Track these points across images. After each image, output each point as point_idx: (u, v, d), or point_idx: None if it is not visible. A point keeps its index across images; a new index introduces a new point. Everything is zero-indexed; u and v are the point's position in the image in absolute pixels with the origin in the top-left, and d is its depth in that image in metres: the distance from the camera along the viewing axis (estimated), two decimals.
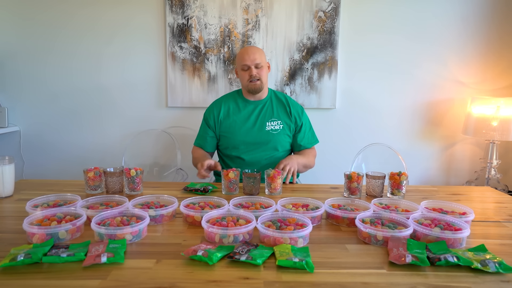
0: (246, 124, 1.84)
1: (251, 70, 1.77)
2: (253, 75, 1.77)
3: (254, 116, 1.85)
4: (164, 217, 1.14)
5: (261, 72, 1.79)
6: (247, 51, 1.80)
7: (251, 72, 1.77)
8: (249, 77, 1.79)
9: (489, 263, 0.85)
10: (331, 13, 2.45)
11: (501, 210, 1.32)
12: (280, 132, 1.84)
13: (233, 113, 1.86)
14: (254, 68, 1.77)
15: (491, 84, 2.57)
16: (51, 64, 2.53)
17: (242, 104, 1.88)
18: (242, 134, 1.83)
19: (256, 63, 1.77)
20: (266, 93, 1.89)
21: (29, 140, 2.62)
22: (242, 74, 1.82)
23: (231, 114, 1.86)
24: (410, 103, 2.59)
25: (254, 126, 1.84)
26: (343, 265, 0.88)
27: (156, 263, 0.87)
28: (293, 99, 1.97)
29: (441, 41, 2.51)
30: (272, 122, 1.84)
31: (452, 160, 2.66)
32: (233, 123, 1.84)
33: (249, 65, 1.77)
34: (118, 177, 1.44)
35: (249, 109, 1.86)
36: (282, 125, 1.85)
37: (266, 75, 1.83)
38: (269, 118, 1.84)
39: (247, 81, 1.80)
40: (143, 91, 2.57)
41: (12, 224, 1.12)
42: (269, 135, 1.83)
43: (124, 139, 2.57)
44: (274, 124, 1.84)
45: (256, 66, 1.78)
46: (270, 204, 1.22)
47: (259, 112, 1.86)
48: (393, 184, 1.43)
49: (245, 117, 1.85)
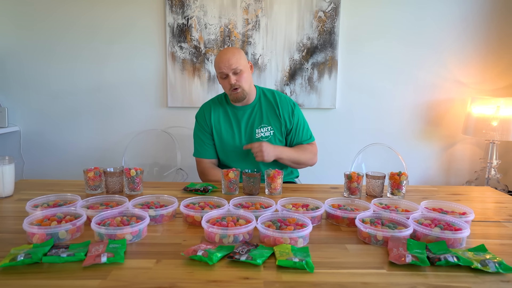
0: (235, 132, 1.76)
1: (229, 79, 1.63)
2: (232, 84, 1.63)
3: (244, 123, 1.75)
4: (164, 217, 1.14)
5: (240, 79, 1.64)
6: (222, 57, 1.64)
7: (230, 80, 1.63)
8: (229, 86, 1.65)
9: (489, 263, 0.85)
10: (331, 13, 2.45)
11: (501, 210, 1.32)
12: (271, 139, 1.75)
13: (223, 120, 1.77)
14: (232, 75, 1.62)
15: (491, 84, 2.57)
16: (52, 64, 2.53)
17: (230, 111, 1.77)
18: (231, 143, 1.76)
19: (233, 69, 1.62)
20: (253, 97, 1.77)
21: (29, 140, 2.62)
22: (222, 83, 1.69)
23: (221, 122, 1.77)
24: (410, 103, 2.59)
25: (244, 135, 1.76)
26: (343, 265, 0.88)
27: (156, 263, 0.87)
28: (284, 95, 1.84)
29: (441, 41, 2.51)
30: (262, 128, 1.74)
31: (452, 160, 2.67)
32: (224, 131, 1.76)
33: (226, 72, 1.63)
34: (118, 177, 1.44)
35: (237, 116, 1.76)
36: (272, 130, 1.75)
37: (248, 79, 1.68)
38: (258, 125, 1.74)
39: (229, 90, 1.67)
40: (144, 91, 2.57)
41: (12, 224, 1.12)
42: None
43: (124, 139, 2.57)
44: (264, 131, 1.74)
45: (234, 72, 1.63)
46: (270, 204, 1.22)
47: (248, 119, 1.76)
48: (393, 184, 1.42)
49: (233, 125, 1.76)
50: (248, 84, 1.69)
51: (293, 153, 1.72)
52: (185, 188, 1.50)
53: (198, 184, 1.55)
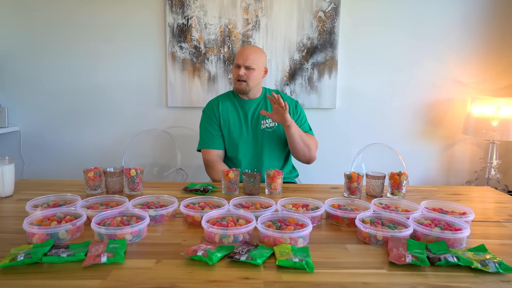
0: (241, 123, 1.84)
1: (240, 70, 1.75)
2: (240, 75, 1.74)
3: (250, 115, 1.84)
4: (164, 217, 1.14)
5: (249, 74, 1.75)
6: (245, 50, 1.77)
7: (239, 71, 1.74)
8: (237, 75, 1.76)
9: (489, 263, 0.85)
10: (331, 13, 2.45)
11: (501, 210, 1.32)
12: (275, 129, 1.82)
13: (230, 112, 1.85)
14: (243, 68, 1.74)
15: (491, 84, 2.57)
16: (52, 64, 2.53)
17: (237, 103, 1.86)
18: (238, 134, 1.82)
19: (247, 65, 1.73)
20: (259, 93, 1.87)
21: (29, 140, 2.62)
22: (233, 71, 1.80)
23: (229, 113, 1.85)
24: (410, 103, 2.59)
25: (249, 125, 1.83)
26: (343, 265, 0.88)
27: (156, 263, 0.87)
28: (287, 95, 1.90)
29: (441, 42, 2.51)
30: (267, 119, 1.82)
31: (452, 160, 2.66)
32: (231, 121, 1.83)
33: (240, 64, 1.74)
34: (118, 177, 1.44)
35: (245, 108, 1.85)
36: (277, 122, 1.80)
37: (256, 79, 1.78)
38: (264, 117, 1.82)
39: (235, 79, 1.78)
40: (143, 91, 2.57)
41: (12, 224, 1.12)
42: (264, 133, 1.82)
43: (124, 139, 2.57)
44: (269, 122, 1.82)
45: (246, 67, 1.74)
46: (270, 204, 1.22)
47: (254, 111, 1.84)
48: (393, 184, 1.42)
49: (240, 116, 1.84)
50: (254, 83, 1.78)
51: (301, 131, 1.74)
52: (185, 188, 1.50)
53: (198, 184, 1.55)
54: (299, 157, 1.79)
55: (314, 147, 1.79)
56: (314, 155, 1.80)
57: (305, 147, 1.74)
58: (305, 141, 1.73)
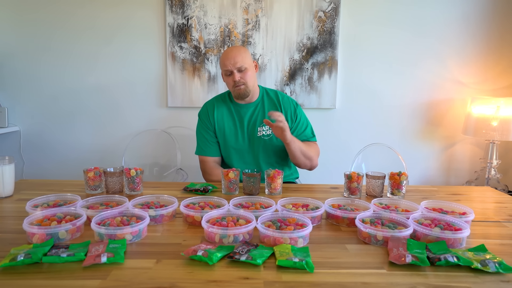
0: (237, 130, 1.77)
1: (234, 75, 1.66)
2: (236, 81, 1.66)
3: (246, 121, 1.77)
4: (164, 217, 1.14)
5: (245, 76, 1.66)
6: (227, 55, 1.66)
7: (234, 77, 1.65)
8: (233, 82, 1.67)
9: (489, 263, 0.85)
10: (331, 13, 2.45)
11: (501, 210, 1.32)
12: (272, 137, 1.74)
13: (226, 118, 1.78)
14: (236, 72, 1.65)
15: (491, 84, 2.57)
16: (52, 64, 2.53)
17: (234, 109, 1.79)
18: (233, 141, 1.77)
19: (238, 67, 1.64)
20: (257, 95, 1.78)
21: (29, 140, 2.62)
22: (226, 80, 1.71)
23: (225, 119, 1.78)
24: (410, 103, 2.59)
25: (245, 132, 1.77)
26: (343, 265, 0.88)
27: (156, 263, 0.87)
28: (287, 95, 1.86)
29: (441, 42, 2.51)
30: (264, 127, 1.75)
31: (452, 160, 2.67)
32: (227, 128, 1.77)
33: (231, 69, 1.65)
34: (118, 177, 1.44)
35: (240, 113, 1.77)
36: None
37: (252, 77, 1.70)
38: (261, 123, 1.75)
39: (232, 87, 1.69)
40: (144, 91, 2.57)
41: (12, 224, 1.12)
42: (260, 140, 1.75)
43: (124, 139, 2.57)
44: (265, 129, 1.75)
45: (239, 70, 1.65)
46: (270, 204, 1.21)
47: (250, 117, 1.77)
48: (393, 184, 1.42)
49: (237, 123, 1.77)
50: (252, 82, 1.71)
51: (302, 144, 1.68)
52: (185, 188, 1.50)
53: (198, 184, 1.55)
54: (299, 167, 1.77)
55: (315, 156, 1.75)
56: (315, 164, 1.76)
57: (306, 160, 1.70)
58: (306, 155, 1.68)
